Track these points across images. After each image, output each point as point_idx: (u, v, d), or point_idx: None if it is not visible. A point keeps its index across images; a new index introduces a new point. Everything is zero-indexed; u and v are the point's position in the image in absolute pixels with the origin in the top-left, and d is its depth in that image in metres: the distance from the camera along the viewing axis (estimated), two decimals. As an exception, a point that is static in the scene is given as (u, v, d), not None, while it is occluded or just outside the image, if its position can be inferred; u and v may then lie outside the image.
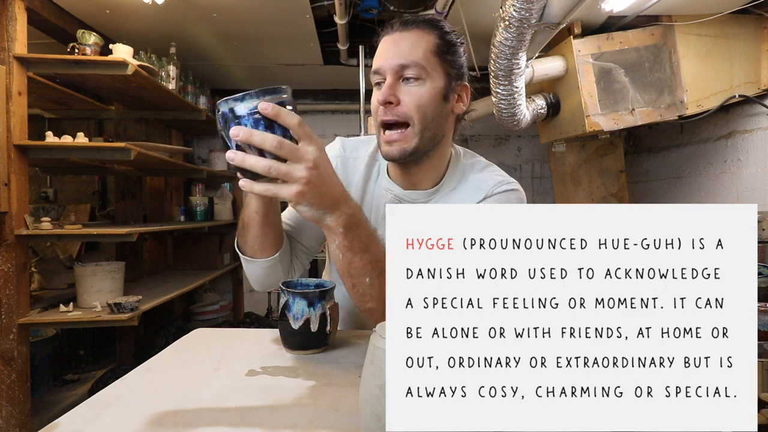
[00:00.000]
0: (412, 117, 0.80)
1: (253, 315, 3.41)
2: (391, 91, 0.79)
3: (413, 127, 0.80)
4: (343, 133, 3.75)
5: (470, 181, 0.90)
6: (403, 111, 0.80)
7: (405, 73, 0.80)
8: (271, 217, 0.78)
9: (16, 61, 1.80)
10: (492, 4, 2.05)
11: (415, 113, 0.80)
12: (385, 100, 0.79)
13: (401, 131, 0.81)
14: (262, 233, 0.79)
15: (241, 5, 2.14)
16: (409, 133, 0.81)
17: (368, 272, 0.71)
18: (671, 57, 2.34)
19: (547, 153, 3.48)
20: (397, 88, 0.80)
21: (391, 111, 0.80)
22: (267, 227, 0.79)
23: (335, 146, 0.97)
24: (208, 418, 0.54)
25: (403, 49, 0.80)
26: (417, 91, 0.80)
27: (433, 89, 0.81)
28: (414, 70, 0.79)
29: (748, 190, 2.43)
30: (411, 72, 0.79)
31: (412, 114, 0.80)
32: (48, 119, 3.05)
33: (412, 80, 0.80)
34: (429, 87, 0.81)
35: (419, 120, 0.80)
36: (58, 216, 3.12)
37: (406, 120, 0.80)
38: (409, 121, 0.80)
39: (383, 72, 0.81)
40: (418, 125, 0.80)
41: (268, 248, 0.82)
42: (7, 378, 1.81)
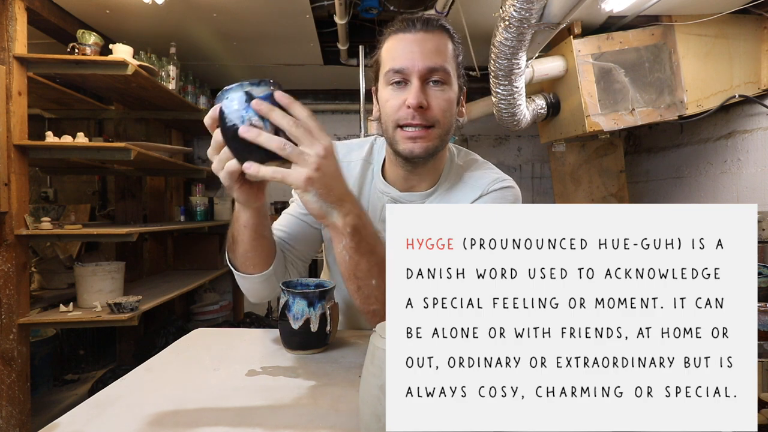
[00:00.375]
0: (440, 120, 0.81)
1: (253, 315, 3.41)
2: (424, 95, 0.79)
3: (437, 129, 0.81)
4: (343, 133, 3.75)
5: (465, 180, 0.90)
6: (433, 115, 0.80)
7: (432, 76, 0.79)
8: (261, 230, 0.76)
9: (16, 61, 1.80)
10: (492, 4, 2.05)
11: (441, 117, 0.81)
12: (419, 104, 0.78)
13: (427, 129, 0.81)
14: (253, 248, 0.77)
15: (241, 5, 2.14)
16: (433, 134, 0.81)
17: (375, 274, 0.70)
18: (671, 57, 2.34)
19: (547, 153, 3.48)
20: (426, 91, 0.80)
21: (422, 115, 0.80)
22: (258, 241, 0.77)
23: None
24: (208, 418, 0.54)
25: (431, 52, 0.79)
26: (443, 95, 0.80)
27: (453, 94, 0.82)
28: (441, 74, 0.79)
29: (748, 190, 2.43)
30: (439, 76, 0.79)
31: (439, 118, 0.80)
32: (48, 119, 3.05)
33: (439, 84, 0.80)
34: (450, 92, 0.81)
35: (444, 123, 0.81)
36: (58, 216, 3.12)
37: (433, 123, 0.81)
38: (436, 124, 0.81)
39: (408, 73, 0.79)
40: (442, 128, 0.81)
41: (260, 263, 0.80)
42: (7, 378, 1.81)
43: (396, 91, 0.81)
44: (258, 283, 0.82)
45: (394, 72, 0.80)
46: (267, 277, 0.82)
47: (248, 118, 0.57)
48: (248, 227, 0.74)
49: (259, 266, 0.80)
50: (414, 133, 0.80)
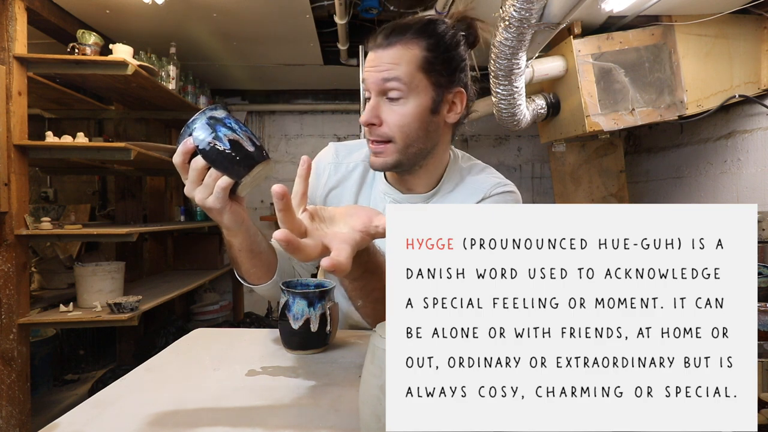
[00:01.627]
0: (394, 136, 0.80)
1: (253, 315, 3.41)
2: (373, 112, 0.80)
3: (395, 144, 0.81)
4: (343, 133, 3.75)
5: (467, 184, 0.91)
6: (384, 131, 0.80)
7: (387, 92, 0.79)
8: (256, 248, 0.78)
9: (16, 61, 1.80)
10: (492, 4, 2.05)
11: (397, 132, 0.80)
12: (367, 121, 0.80)
13: (384, 145, 0.81)
14: (254, 265, 0.80)
15: (241, 5, 2.14)
16: (390, 148, 0.81)
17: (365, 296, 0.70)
18: (671, 57, 2.34)
19: (547, 153, 3.48)
20: (381, 107, 0.80)
21: (374, 132, 0.81)
22: (256, 258, 0.80)
23: (329, 152, 0.97)
24: (208, 418, 0.54)
25: (385, 67, 0.78)
26: (400, 110, 0.79)
27: (417, 106, 0.79)
28: (396, 89, 0.78)
29: (748, 190, 2.43)
30: (393, 92, 0.79)
31: (393, 133, 0.80)
32: (48, 119, 3.05)
33: (395, 99, 0.79)
34: (413, 104, 0.79)
35: (401, 138, 0.80)
36: (58, 216, 3.12)
37: (388, 139, 0.81)
38: (392, 140, 0.81)
39: (369, 89, 0.81)
40: (400, 143, 0.81)
41: (264, 274, 0.83)
42: (7, 378, 1.81)
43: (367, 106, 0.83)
44: (267, 289, 0.86)
45: (364, 88, 0.83)
46: (274, 284, 0.85)
47: (224, 135, 0.60)
48: (243, 250, 0.76)
49: (264, 277, 0.84)
50: (374, 147, 0.82)
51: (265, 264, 0.82)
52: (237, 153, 0.60)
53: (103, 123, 3.28)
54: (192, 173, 0.61)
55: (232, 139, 0.60)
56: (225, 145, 0.60)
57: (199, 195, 0.62)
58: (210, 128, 0.60)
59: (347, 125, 3.75)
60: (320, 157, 0.98)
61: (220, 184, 0.61)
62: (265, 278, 0.83)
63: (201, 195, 0.62)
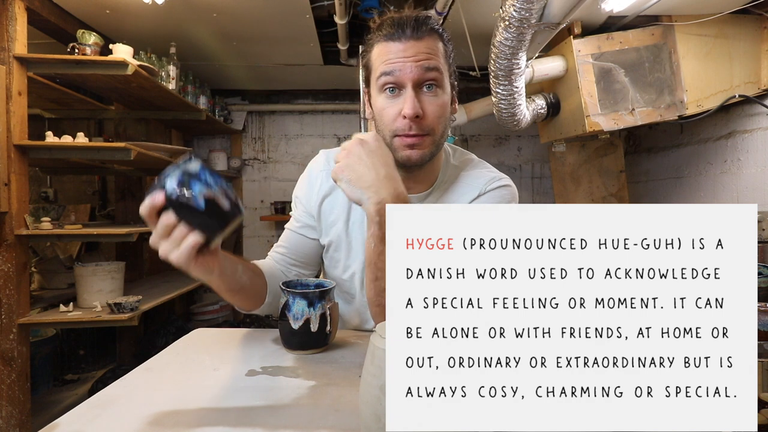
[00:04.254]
0: (434, 128, 0.80)
1: (253, 315, 3.40)
2: (419, 104, 0.78)
3: (433, 136, 0.81)
4: (343, 133, 3.75)
5: (462, 180, 0.90)
6: (428, 123, 0.79)
7: (426, 81, 0.78)
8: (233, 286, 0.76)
9: (16, 61, 1.80)
10: (492, 4, 2.05)
11: (437, 124, 0.80)
12: (415, 114, 0.77)
13: (422, 138, 0.80)
14: (239, 299, 0.82)
15: (241, 5, 2.13)
16: (428, 141, 0.81)
17: None
18: (671, 57, 2.34)
19: (547, 153, 3.48)
20: (421, 98, 0.79)
21: (418, 125, 0.78)
22: (237, 296, 0.80)
23: (319, 160, 0.96)
24: (208, 418, 0.54)
25: (423, 57, 0.77)
26: (437, 101, 0.79)
27: (446, 97, 0.81)
28: (435, 77, 0.78)
29: (748, 190, 2.43)
30: (432, 82, 0.78)
31: (434, 126, 0.80)
32: (48, 119, 3.04)
33: (432, 90, 0.79)
34: (444, 96, 0.81)
35: (439, 130, 0.81)
36: (58, 216, 3.12)
37: (428, 132, 0.80)
38: (431, 132, 0.80)
39: (402, 81, 0.78)
40: (437, 135, 0.81)
41: (250, 302, 0.84)
42: (7, 378, 1.81)
43: (390, 99, 0.80)
44: (261, 311, 0.88)
45: (388, 80, 0.79)
46: (268, 306, 0.87)
47: (199, 192, 0.57)
48: (221, 289, 0.75)
49: (252, 305, 0.85)
50: (411, 141, 0.80)
51: (250, 296, 0.83)
52: (212, 212, 0.57)
53: (103, 123, 3.28)
54: (161, 228, 0.58)
55: (208, 197, 0.57)
56: (199, 204, 0.56)
57: (164, 248, 0.59)
58: (184, 185, 0.57)
59: (347, 125, 3.74)
60: (312, 166, 0.96)
61: (189, 243, 0.58)
62: (254, 306, 0.85)
63: (165, 248, 0.59)
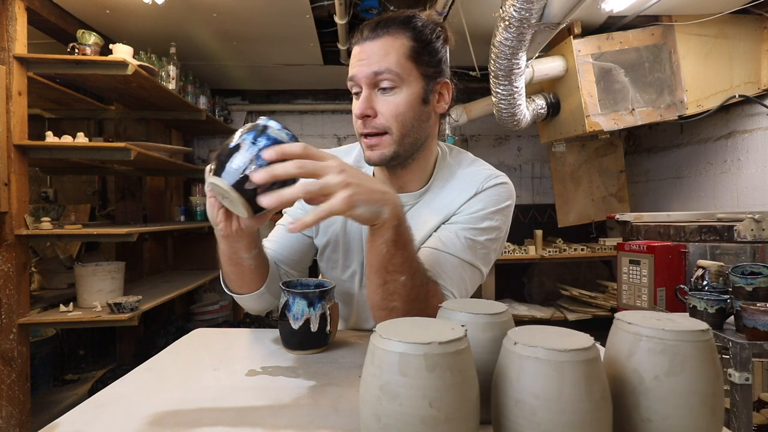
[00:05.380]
0: (390, 127, 0.80)
1: (253, 315, 3.41)
2: (367, 103, 0.79)
3: (391, 135, 0.81)
4: (343, 133, 3.76)
5: (458, 178, 0.89)
6: (381, 123, 0.80)
7: (380, 83, 0.79)
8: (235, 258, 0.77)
9: (16, 61, 1.80)
10: (492, 4, 2.05)
11: (393, 123, 0.80)
12: (363, 113, 0.79)
13: (379, 137, 0.81)
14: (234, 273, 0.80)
15: (241, 5, 2.13)
16: (387, 140, 0.81)
17: (405, 270, 0.69)
18: (671, 57, 2.34)
19: (547, 153, 3.48)
20: (374, 99, 0.80)
21: (369, 124, 0.80)
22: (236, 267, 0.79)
23: None
24: (208, 418, 0.54)
25: (375, 58, 0.78)
26: (393, 100, 0.79)
27: (410, 95, 0.80)
28: (388, 79, 0.78)
29: (748, 190, 2.44)
30: (385, 82, 0.79)
31: (389, 124, 0.80)
32: (48, 119, 3.04)
33: (388, 89, 0.79)
34: (406, 94, 0.80)
35: (398, 129, 0.80)
36: (58, 216, 3.12)
37: (384, 130, 0.80)
38: (388, 131, 0.80)
39: (357, 82, 0.80)
40: (396, 133, 0.80)
41: (245, 285, 0.82)
42: (7, 378, 1.81)
43: (356, 101, 0.82)
44: (251, 300, 0.85)
45: (351, 84, 0.82)
46: (258, 296, 0.84)
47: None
48: (224, 255, 0.77)
49: (245, 287, 0.83)
50: (369, 141, 0.81)
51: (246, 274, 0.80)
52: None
53: (103, 123, 3.28)
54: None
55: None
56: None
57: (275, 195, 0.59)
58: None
59: (347, 125, 3.74)
60: None
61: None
62: (246, 288, 0.83)
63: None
